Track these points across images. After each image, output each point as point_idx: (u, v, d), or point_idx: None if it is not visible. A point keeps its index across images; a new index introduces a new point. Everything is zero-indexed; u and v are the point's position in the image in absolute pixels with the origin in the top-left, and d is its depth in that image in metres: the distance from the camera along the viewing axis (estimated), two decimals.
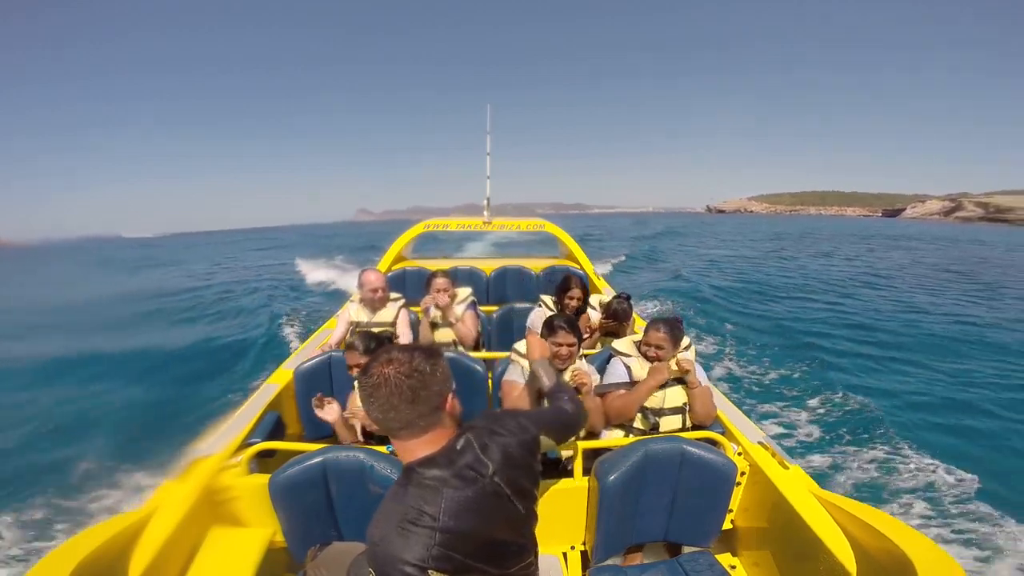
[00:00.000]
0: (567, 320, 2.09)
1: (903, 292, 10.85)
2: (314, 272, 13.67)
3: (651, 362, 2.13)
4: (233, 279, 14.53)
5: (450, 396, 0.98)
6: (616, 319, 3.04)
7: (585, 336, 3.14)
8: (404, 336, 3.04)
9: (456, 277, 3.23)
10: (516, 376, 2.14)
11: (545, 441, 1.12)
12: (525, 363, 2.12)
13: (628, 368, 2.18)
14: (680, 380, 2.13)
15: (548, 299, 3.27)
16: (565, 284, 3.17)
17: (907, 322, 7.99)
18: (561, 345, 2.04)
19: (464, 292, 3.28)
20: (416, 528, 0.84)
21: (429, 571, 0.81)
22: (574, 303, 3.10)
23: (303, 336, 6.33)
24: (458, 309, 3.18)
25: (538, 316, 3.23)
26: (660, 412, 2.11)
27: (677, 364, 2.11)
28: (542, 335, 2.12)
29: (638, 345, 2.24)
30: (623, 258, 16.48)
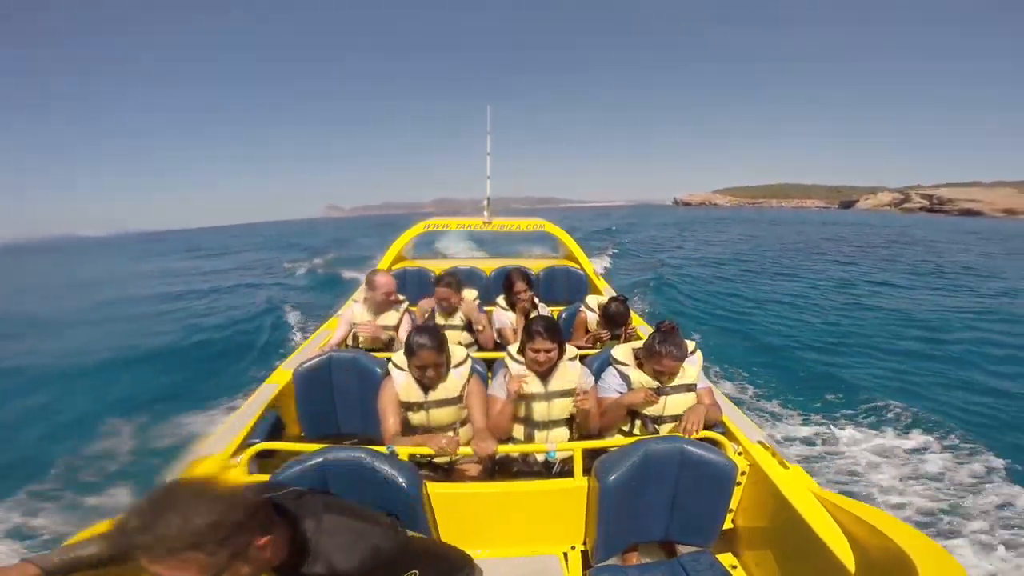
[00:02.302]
0: (546, 325, 2.06)
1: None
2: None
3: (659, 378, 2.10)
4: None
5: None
6: (613, 323, 3.03)
7: (587, 344, 3.13)
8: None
9: (457, 277, 3.25)
10: (499, 390, 2.11)
11: None
12: (516, 367, 2.12)
13: (627, 378, 2.13)
14: (690, 388, 2.11)
15: (501, 300, 3.33)
16: (508, 282, 3.21)
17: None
18: (538, 351, 2.02)
19: (471, 295, 3.28)
20: None
21: None
22: (523, 296, 3.15)
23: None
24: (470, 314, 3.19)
25: (503, 317, 3.28)
26: (660, 420, 2.09)
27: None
28: (522, 340, 2.12)
29: (636, 353, 2.20)
30: (612, 252, 16.88)
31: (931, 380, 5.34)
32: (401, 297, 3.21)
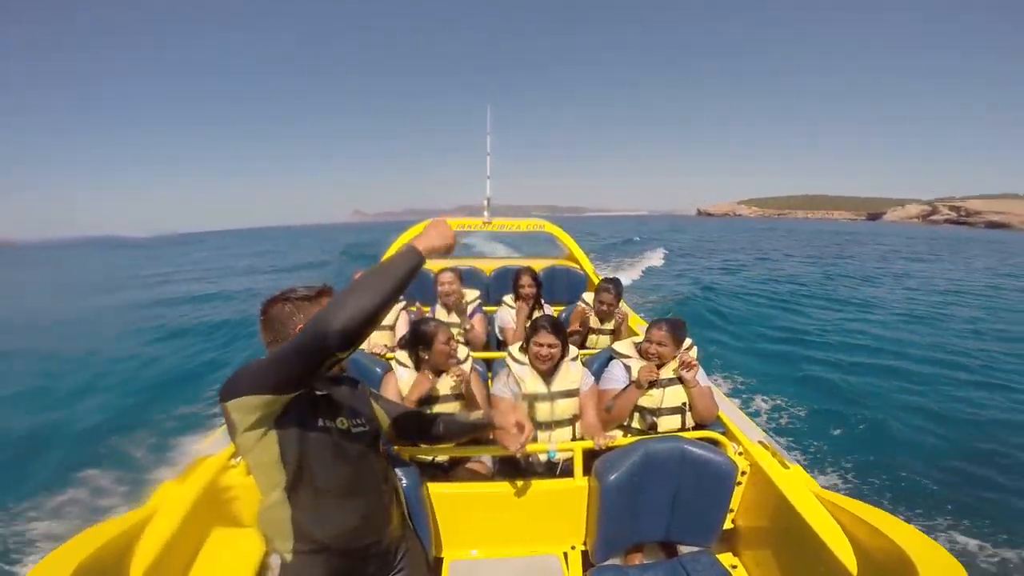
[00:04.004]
0: (551, 321, 2.10)
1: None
2: None
3: (651, 360, 2.13)
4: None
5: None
6: (604, 302, 3.14)
7: (580, 329, 3.20)
8: None
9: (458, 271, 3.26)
10: (503, 389, 2.13)
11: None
12: (516, 368, 2.13)
13: (628, 369, 2.18)
14: (680, 379, 2.13)
15: (508, 299, 3.40)
16: (516, 277, 3.33)
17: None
18: (542, 345, 2.05)
19: (472, 294, 3.31)
20: None
21: None
22: (526, 289, 3.25)
23: None
24: (465, 310, 3.20)
25: (506, 315, 3.34)
26: (658, 412, 2.11)
27: (681, 360, 2.11)
28: (527, 335, 2.14)
29: (638, 347, 2.24)
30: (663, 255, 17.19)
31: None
32: None
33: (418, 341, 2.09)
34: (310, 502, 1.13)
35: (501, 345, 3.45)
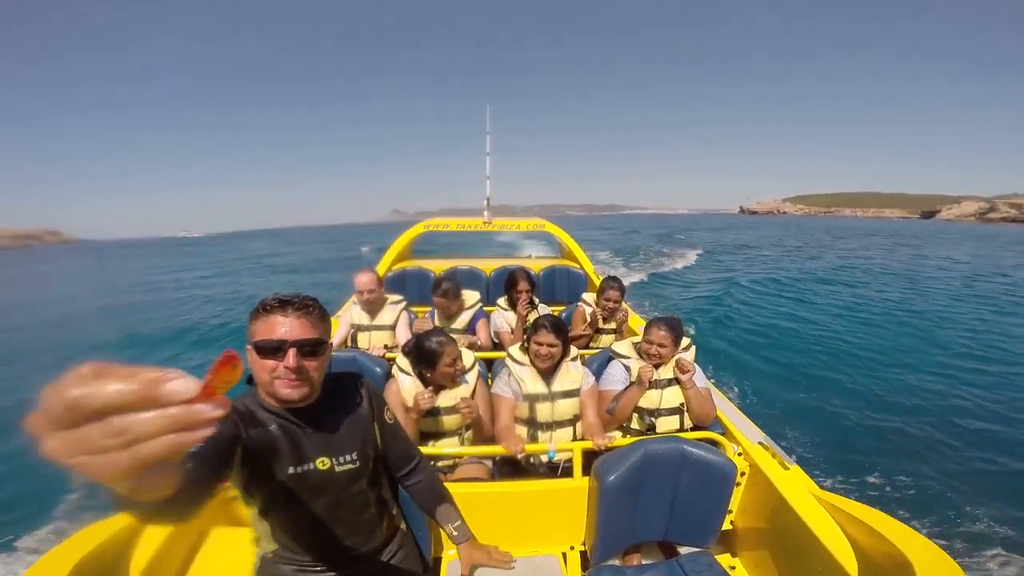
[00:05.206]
0: (553, 322, 2.09)
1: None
2: None
3: (651, 360, 2.14)
4: None
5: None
6: (610, 299, 3.12)
7: (589, 331, 3.18)
8: (403, 339, 3.03)
9: (457, 277, 3.23)
10: (504, 388, 2.13)
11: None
12: (516, 369, 2.13)
13: (628, 369, 2.18)
14: (677, 380, 2.14)
15: (502, 301, 3.37)
16: (511, 280, 3.28)
17: None
18: (541, 344, 2.05)
19: (473, 297, 3.26)
20: None
21: None
22: (524, 295, 3.22)
23: None
24: (466, 316, 3.19)
25: (499, 319, 3.31)
26: (657, 412, 2.12)
27: (676, 363, 2.12)
28: (528, 335, 2.15)
29: (637, 347, 2.24)
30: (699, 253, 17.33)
31: None
32: (398, 297, 3.21)
33: (422, 359, 2.00)
34: (284, 526, 1.15)
35: (498, 347, 3.44)
